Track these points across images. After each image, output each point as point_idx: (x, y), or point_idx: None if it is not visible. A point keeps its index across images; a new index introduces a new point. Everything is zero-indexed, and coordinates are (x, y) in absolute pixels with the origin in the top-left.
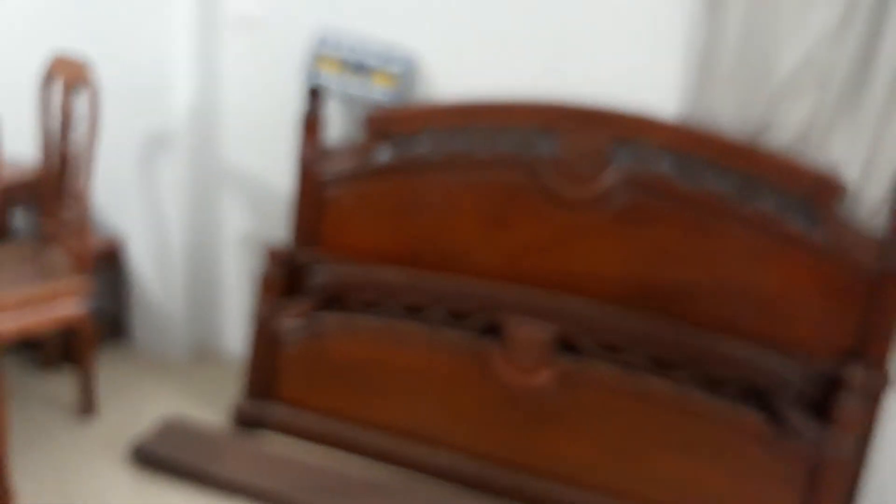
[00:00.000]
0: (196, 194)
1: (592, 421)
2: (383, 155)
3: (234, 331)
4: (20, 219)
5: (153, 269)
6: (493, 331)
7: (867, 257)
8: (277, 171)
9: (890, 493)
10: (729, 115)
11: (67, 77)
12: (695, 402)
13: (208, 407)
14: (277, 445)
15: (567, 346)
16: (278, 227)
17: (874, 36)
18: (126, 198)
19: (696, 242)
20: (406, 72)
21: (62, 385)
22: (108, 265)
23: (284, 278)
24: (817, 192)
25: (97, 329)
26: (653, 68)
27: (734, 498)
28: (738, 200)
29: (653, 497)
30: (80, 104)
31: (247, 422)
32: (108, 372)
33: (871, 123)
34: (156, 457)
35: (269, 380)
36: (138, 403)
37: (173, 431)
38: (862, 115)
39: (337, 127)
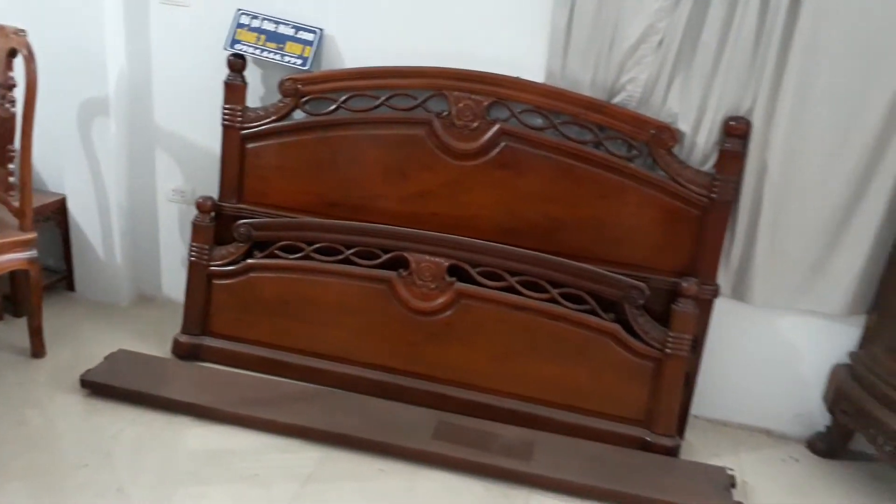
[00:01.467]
0: (132, 154)
1: (480, 335)
2: (297, 115)
3: (173, 278)
4: None
5: (94, 224)
6: (397, 265)
7: (699, 191)
8: (206, 131)
9: (717, 381)
10: (586, 78)
11: (4, 42)
12: (562, 314)
13: (150, 344)
14: (212, 371)
15: (459, 274)
16: (208, 183)
17: (702, 9)
18: (67, 159)
19: (561, 185)
20: (315, 41)
21: (12, 333)
22: (51, 221)
23: (214, 227)
24: (659, 139)
25: (43, 280)
26: (524, 41)
27: (595, 392)
28: (593, 148)
29: (530, 394)
30: (19, 70)
31: (185, 354)
32: (55, 320)
33: (701, 83)
34: (103, 384)
35: (203, 316)
36: (85, 345)
37: (119, 362)
38: (693, 75)
39: (256, 91)
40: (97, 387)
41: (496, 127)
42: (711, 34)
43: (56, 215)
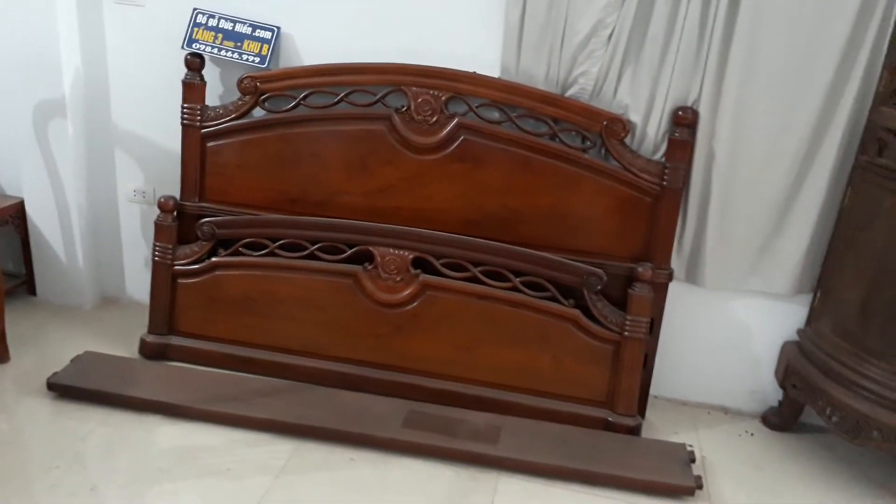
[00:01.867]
0: (90, 155)
1: (445, 325)
2: (257, 113)
3: (136, 279)
4: None
5: (54, 226)
6: (362, 259)
7: (651, 180)
8: (165, 130)
9: (674, 361)
10: (540, 72)
11: None
12: (524, 301)
13: (116, 346)
14: (180, 369)
15: (423, 266)
16: (169, 182)
17: (648, 4)
18: (24, 161)
19: (519, 176)
20: (273, 40)
21: None
22: (9, 225)
23: (177, 226)
24: (611, 130)
25: (3, 284)
26: (480, 36)
27: (557, 376)
28: (549, 140)
29: (496, 380)
30: None
31: (152, 354)
32: (17, 324)
33: (650, 75)
34: (70, 386)
35: (169, 316)
36: (49, 348)
37: (85, 364)
38: (642, 68)
39: (215, 89)
40: (64, 389)
41: (455, 121)
42: (658, 28)
43: (14, 219)
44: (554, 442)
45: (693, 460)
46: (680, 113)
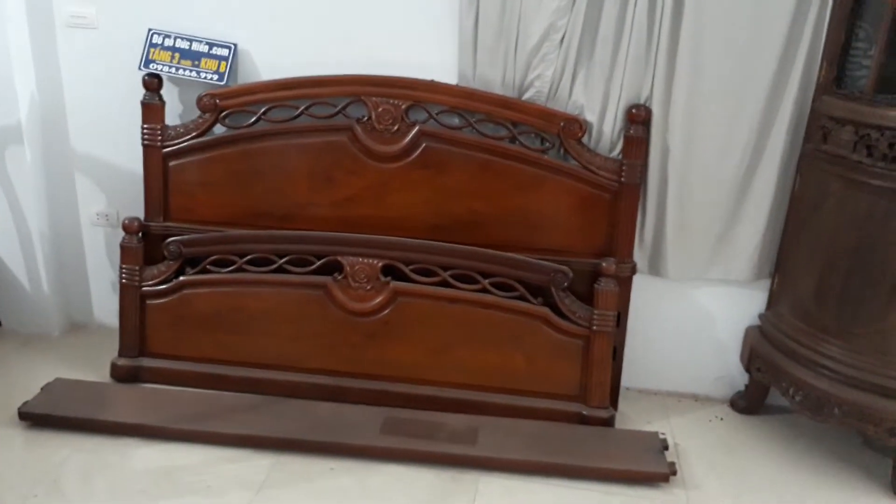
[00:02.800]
0: (50, 181)
1: (416, 330)
2: (218, 130)
3: (102, 303)
4: None
5: (16, 255)
6: (331, 270)
7: (609, 177)
8: (126, 152)
9: (643, 352)
10: (496, 77)
11: None
12: (494, 302)
13: (86, 371)
14: (153, 390)
15: (393, 273)
16: (132, 204)
17: (597, 7)
18: None
19: (481, 180)
20: (231, 57)
21: None
22: None
23: (142, 247)
24: (569, 130)
25: None
26: (435, 44)
27: (530, 374)
28: (510, 143)
29: (471, 382)
30: None
31: (124, 377)
32: None
33: (602, 75)
34: (42, 414)
35: (140, 338)
36: (18, 377)
37: (57, 391)
38: (595, 69)
39: (175, 109)
40: (36, 418)
41: (415, 129)
42: (608, 30)
43: None
44: (531, 438)
45: (666, 447)
46: (633, 111)
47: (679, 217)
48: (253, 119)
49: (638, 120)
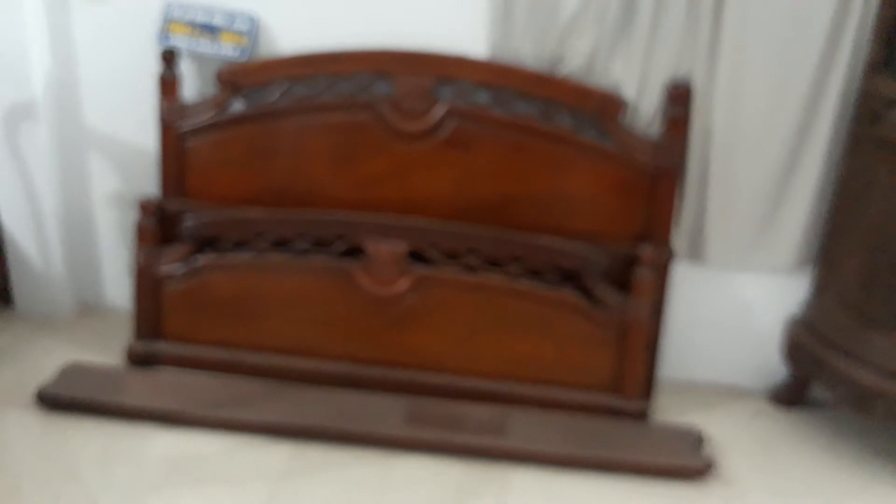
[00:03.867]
0: (63, 159)
1: (442, 316)
2: (237, 106)
3: (117, 285)
4: None
5: (28, 235)
6: (353, 253)
7: (647, 158)
8: (141, 130)
9: (680, 342)
10: (528, 51)
11: None
12: (522, 288)
13: (101, 354)
14: (171, 375)
15: (417, 256)
16: (147, 183)
17: None
18: None
19: (512, 160)
20: (251, 30)
21: None
22: None
23: (158, 228)
24: (604, 108)
25: None
26: (464, 16)
27: (561, 363)
28: (542, 121)
29: (496, 371)
30: None
31: (139, 360)
32: None
33: (641, 50)
34: (59, 397)
35: (155, 320)
36: (33, 361)
37: (72, 374)
38: (633, 43)
39: (192, 84)
40: (54, 401)
41: (443, 106)
42: (647, 3)
43: None
44: (562, 430)
45: (703, 441)
46: (674, 87)
47: (721, 200)
48: (274, 96)
49: (678, 97)
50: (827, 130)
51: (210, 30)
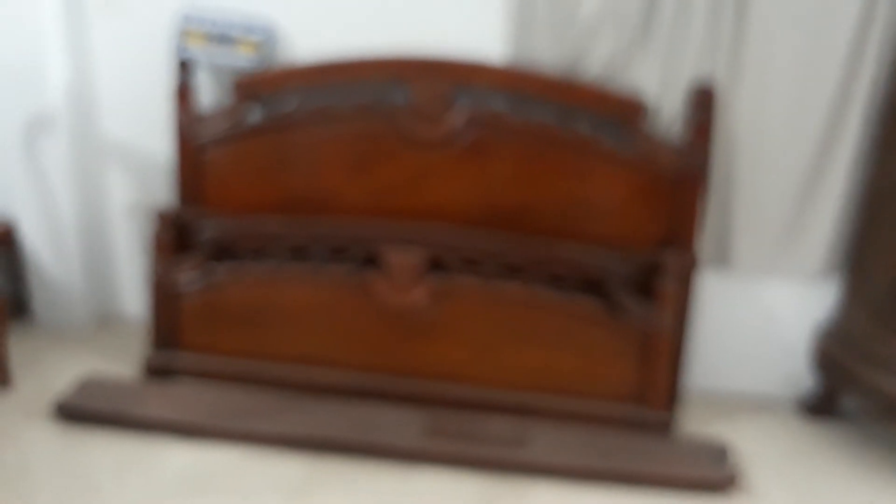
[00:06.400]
0: (81, 170)
1: (461, 325)
2: (253, 116)
3: (133, 295)
4: None
5: (47, 246)
6: (369, 262)
7: (669, 163)
8: (157, 140)
9: (706, 351)
10: (546, 56)
11: None
12: (542, 297)
13: (118, 365)
14: (188, 386)
15: (435, 265)
16: (164, 193)
17: None
18: (13, 180)
19: (530, 166)
20: (267, 39)
21: None
22: (1, 247)
23: (175, 238)
24: (624, 113)
25: (6, 307)
26: (481, 22)
27: (583, 374)
28: (561, 127)
29: (516, 382)
30: None
31: (156, 371)
32: (16, 348)
33: (661, 53)
34: (77, 409)
35: (171, 331)
36: (51, 372)
37: (90, 386)
38: (653, 47)
39: (208, 94)
40: (72, 413)
41: (461, 113)
42: (670, 5)
43: (6, 240)
44: (584, 442)
45: (727, 452)
46: (697, 91)
47: (747, 204)
48: (290, 105)
49: (702, 101)
50: (855, 132)
51: (227, 40)
